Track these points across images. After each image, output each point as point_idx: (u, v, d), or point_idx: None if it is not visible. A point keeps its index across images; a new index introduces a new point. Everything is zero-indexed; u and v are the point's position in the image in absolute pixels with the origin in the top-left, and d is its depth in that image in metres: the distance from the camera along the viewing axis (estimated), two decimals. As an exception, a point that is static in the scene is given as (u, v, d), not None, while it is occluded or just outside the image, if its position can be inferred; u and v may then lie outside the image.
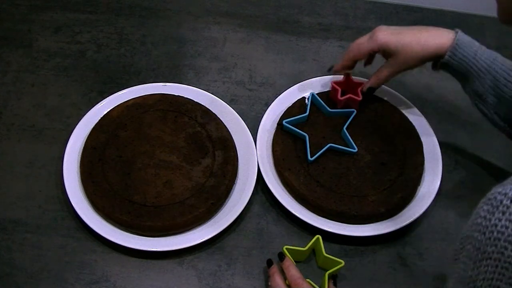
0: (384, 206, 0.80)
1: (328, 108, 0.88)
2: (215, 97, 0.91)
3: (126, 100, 0.89)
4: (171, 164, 0.82)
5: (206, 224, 0.79)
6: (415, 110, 0.92)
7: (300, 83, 0.94)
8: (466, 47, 0.77)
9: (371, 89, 0.87)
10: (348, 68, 0.87)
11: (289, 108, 0.90)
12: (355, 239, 0.79)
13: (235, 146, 0.86)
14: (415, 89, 0.98)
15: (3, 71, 0.95)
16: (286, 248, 0.75)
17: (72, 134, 0.85)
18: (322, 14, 1.08)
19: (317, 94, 0.90)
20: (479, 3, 1.10)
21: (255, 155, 0.85)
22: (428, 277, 0.79)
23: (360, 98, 0.88)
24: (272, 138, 0.87)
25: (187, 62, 0.98)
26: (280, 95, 0.92)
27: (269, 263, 0.75)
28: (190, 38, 1.02)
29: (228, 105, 0.90)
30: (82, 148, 0.84)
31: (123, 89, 0.91)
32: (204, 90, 0.92)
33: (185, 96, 0.90)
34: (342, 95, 0.89)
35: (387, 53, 0.81)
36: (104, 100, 0.89)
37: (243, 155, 0.85)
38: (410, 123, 0.90)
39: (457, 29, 0.78)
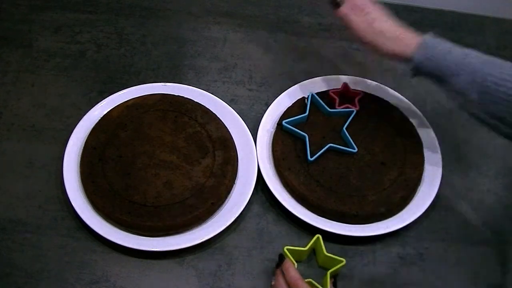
0: (384, 206, 0.80)
1: (328, 108, 0.88)
2: (215, 97, 0.91)
3: (126, 100, 0.89)
4: (171, 164, 0.82)
5: (206, 224, 0.79)
6: (415, 110, 0.92)
7: (300, 83, 0.94)
8: (435, 46, 0.75)
9: (337, 4, 0.83)
10: None
11: (289, 108, 0.90)
12: (355, 239, 0.79)
13: (235, 146, 0.86)
14: (415, 89, 0.98)
15: (3, 71, 0.95)
16: (287, 249, 0.75)
17: (72, 134, 0.85)
18: (322, 14, 1.08)
19: (317, 94, 0.90)
20: (479, 3, 1.10)
21: (255, 155, 0.85)
22: (428, 277, 0.79)
23: (357, 108, 0.89)
24: (272, 138, 0.87)
25: (187, 62, 0.98)
26: (280, 95, 0.92)
27: (281, 258, 0.74)
28: (190, 38, 1.02)
29: (228, 105, 0.90)
30: (82, 148, 0.84)
31: (123, 89, 0.91)
32: (204, 90, 0.91)
33: (185, 96, 0.90)
34: (340, 104, 0.89)
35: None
36: (104, 100, 0.89)
37: (243, 155, 0.85)
38: (410, 123, 0.90)
39: (430, 32, 0.77)
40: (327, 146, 0.84)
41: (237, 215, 0.79)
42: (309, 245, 0.77)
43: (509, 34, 1.09)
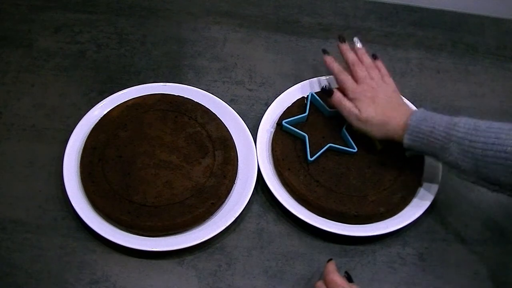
0: (384, 206, 0.80)
1: (328, 108, 0.88)
2: (215, 97, 0.91)
3: (126, 100, 0.89)
4: (171, 164, 0.82)
5: (206, 224, 0.79)
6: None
7: (300, 83, 0.94)
8: (421, 125, 0.75)
9: (328, 93, 0.86)
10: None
11: (288, 108, 0.90)
12: (355, 239, 0.79)
13: (235, 146, 0.86)
14: (415, 89, 0.98)
15: (3, 71, 0.95)
16: None
17: (72, 134, 0.85)
18: (322, 14, 1.08)
19: (316, 93, 0.90)
20: (479, 3, 1.10)
21: (255, 155, 0.85)
22: (428, 277, 0.79)
23: None
24: (272, 138, 0.87)
25: (187, 62, 0.98)
26: (280, 95, 0.92)
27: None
28: (190, 38, 1.02)
29: (228, 105, 0.90)
30: (82, 148, 0.84)
31: (123, 89, 0.91)
32: (204, 90, 0.91)
33: (185, 96, 0.90)
34: None
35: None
36: (104, 100, 0.89)
37: (243, 155, 0.85)
38: (410, 123, 0.89)
39: (420, 109, 0.78)
40: (327, 146, 0.84)
41: (237, 215, 0.79)
42: None
43: (509, 34, 1.09)
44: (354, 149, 0.84)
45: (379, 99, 0.82)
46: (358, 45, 0.91)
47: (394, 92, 0.85)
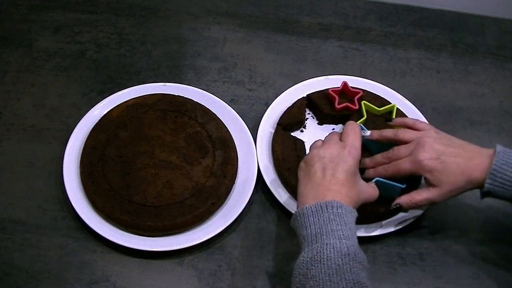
0: (384, 206, 0.80)
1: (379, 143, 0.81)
2: (215, 97, 0.91)
3: (126, 100, 0.89)
4: (171, 164, 0.82)
5: (206, 224, 0.79)
6: (415, 110, 0.92)
7: (300, 83, 0.94)
8: (507, 168, 0.69)
9: (400, 209, 0.77)
10: None
11: (288, 108, 0.90)
12: (355, 239, 0.79)
13: (235, 146, 0.86)
14: (415, 89, 0.98)
15: (3, 71, 0.95)
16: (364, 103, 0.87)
17: (72, 134, 0.85)
18: (322, 14, 1.08)
19: (316, 92, 0.90)
20: (479, 3, 1.10)
21: (255, 155, 0.85)
22: (428, 277, 0.79)
23: (356, 107, 0.88)
24: (272, 138, 0.87)
25: (187, 62, 0.98)
26: (280, 95, 0.92)
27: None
28: (190, 38, 1.02)
29: (228, 105, 0.90)
30: (82, 148, 0.84)
31: (123, 89, 0.91)
32: (204, 90, 0.92)
33: (185, 96, 0.90)
34: (339, 103, 0.89)
35: (427, 180, 0.74)
36: (104, 100, 0.89)
37: (243, 155, 0.85)
38: (410, 123, 0.89)
39: (498, 147, 0.71)
40: (374, 181, 0.77)
41: (237, 215, 0.79)
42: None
43: (509, 34, 1.09)
44: (403, 185, 0.77)
45: (444, 147, 0.74)
46: (395, 120, 0.84)
47: (452, 136, 0.78)
